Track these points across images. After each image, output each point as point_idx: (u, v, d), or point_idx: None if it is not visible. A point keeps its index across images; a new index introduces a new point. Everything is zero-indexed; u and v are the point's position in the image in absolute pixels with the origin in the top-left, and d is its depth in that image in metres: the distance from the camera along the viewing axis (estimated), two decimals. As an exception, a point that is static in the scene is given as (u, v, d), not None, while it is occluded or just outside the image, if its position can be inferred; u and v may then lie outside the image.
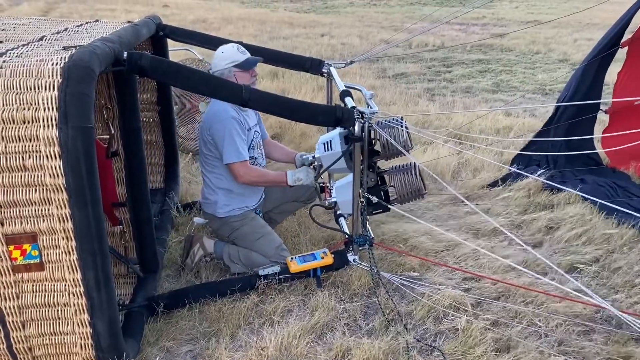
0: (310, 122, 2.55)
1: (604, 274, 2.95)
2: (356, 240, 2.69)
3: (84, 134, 1.73)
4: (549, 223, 3.49)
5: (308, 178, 2.76)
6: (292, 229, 3.38)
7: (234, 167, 2.77)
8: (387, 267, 2.94)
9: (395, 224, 3.43)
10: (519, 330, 2.46)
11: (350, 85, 2.93)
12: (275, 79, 7.75)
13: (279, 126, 5.34)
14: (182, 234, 3.30)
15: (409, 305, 2.67)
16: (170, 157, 3.74)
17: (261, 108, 2.41)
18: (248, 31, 13.74)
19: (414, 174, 2.62)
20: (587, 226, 3.38)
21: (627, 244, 3.18)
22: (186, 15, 17.78)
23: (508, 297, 2.73)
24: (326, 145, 2.60)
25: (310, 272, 2.72)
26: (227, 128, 2.73)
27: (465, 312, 2.58)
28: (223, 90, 2.32)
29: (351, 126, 2.36)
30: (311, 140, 4.94)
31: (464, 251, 3.11)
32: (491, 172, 4.19)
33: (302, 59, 3.24)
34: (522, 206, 3.73)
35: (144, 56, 2.17)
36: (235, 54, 2.79)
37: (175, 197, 3.59)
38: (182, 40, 3.31)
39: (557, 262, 3.06)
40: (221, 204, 2.90)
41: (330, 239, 3.22)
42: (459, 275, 2.90)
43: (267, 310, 2.60)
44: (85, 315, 1.90)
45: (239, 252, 2.91)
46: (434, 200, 3.85)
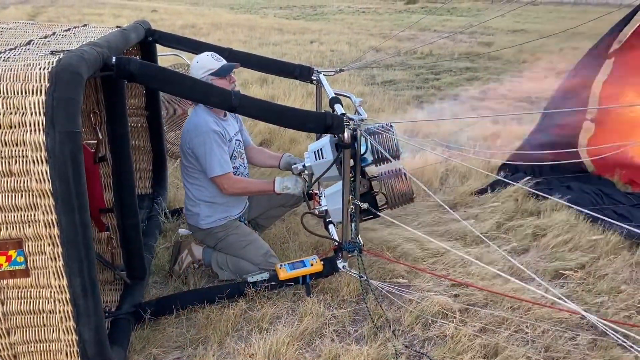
0: (299, 128, 2.55)
1: (589, 280, 2.98)
2: (345, 247, 2.69)
3: (71, 139, 1.72)
4: (535, 229, 3.52)
5: (296, 188, 2.75)
6: (281, 236, 3.38)
7: (218, 180, 2.76)
8: (376, 274, 2.95)
9: (384, 230, 3.44)
10: (507, 337, 2.48)
11: (340, 93, 2.94)
12: (264, 85, 7.76)
13: (268, 132, 5.34)
14: (170, 240, 3.28)
15: (398, 312, 2.67)
16: (158, 163, 3.72)
17: (250, 114, 2.40)
18: (237, 37, 13.76)
19: (403, 179, 2.63)
20: (573, 233, 3.42)
21: (612, 251, 3.22)
22: (175, 20, 17.76)
23: (495, 303, 2.74)
24: (317, 154, 2.60)
25: (300, 279, 2.72)
26: (207, 141, 2.70)
27: (454, 318, 2.59)
28: (212, 96, 2.32)
29: (341, 133, 2.36)
30: (300, 146, 4.94)
31: (452, 258, 3.12)
32: (479, 179, 4.22)
33: (292, 66, 3.25)
34: (509, 213, 3.76)
35: (133, 61, 2.16)
36: (210, 62, 2.77)
37: (163, 202, 3.57)
38: (171, 46, 3.30)
39: (544, 269, 3.09)
40: (204, 215, 2.88)
41: (319, 246, 3.21)
42: (447, 281, 2.91)
43: (255, 317, 2.59)
44: (70, 322, 1.87)
45: (227, 259, 2.90)
46: (421, 207, 3.87)
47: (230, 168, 2.79)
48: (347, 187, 2.53)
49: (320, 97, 3.34)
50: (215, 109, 2.82)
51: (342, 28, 17.37)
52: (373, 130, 2.54)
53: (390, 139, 2.54)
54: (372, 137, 2.51)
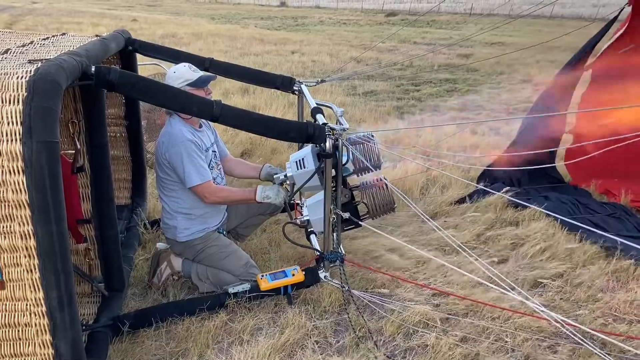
0: (281, 138, 2.55)
1: (567, 288, 3.02)
2: (327, 257, 2.69)
3: (48, 149, 1.69)
4: (514, 239, 3.57)
5: (278, 198, 2.74)
6: (262, 246, 3.36)
7: (198, 189, 2.73)
8: (358, 284, 2.95)
9: (365, 240, 3.44)
10: (487, 346, 2.49)
11: (321, 103, 2.96)
12: (246, 95, 7.76)
13: (249, 142, 5.32)
14: (149, 251, 3.24)
15: (379, 322, 2.67)
16: (137, 173, 3.68)
17: (232, 124, 2.40)
18: (218, 47, 13.75)
19: (385, 188, 2.65)
20: (551, 242, 3.47)
21: (589, 260, 3.28)
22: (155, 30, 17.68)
23: (476, 312, 2.76)
24: (299, 163, 2.60)
25: (281, 289, 2.70)
26: (184, 151, 2.68)
27: (435, 328, 2.60)
28: (193, 105, 2.31)
29: (322, 143, 2.37)
30: (282, 156, 4.94)
31: (433, 267, 3.14)
32: (459, 189, 4.27)
33: (274, 77, 3.26)
34: (489, 222, 3.80)
35: (113, 70, 2.14)
36: (187, 73, 2.76)
37: (142, 213, 3.52)
38: (152, 55, 3.28)
39: (523, 278, 3.12)
40: (181, 228, 2.85)
41: (301, 256, 3.20)
42: (428, 291, 2.92)
43: (236, 329, 2.56)
44: (47, 336, 1.83)
45: (208, 270, 2.87)
46: (403, 217, 3.89)
47: (209, 176, 2.77)
48: (328, 197, 2.53)
49: (302, 107, 3.35)
50: (190, 120, 2.80)
51: (323, 39, 17.49)
52: (355, 140, 2.55)
53: (371, 149, 2.55)
54: (354, 146, 2.53)
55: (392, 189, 2.67)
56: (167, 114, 2.86)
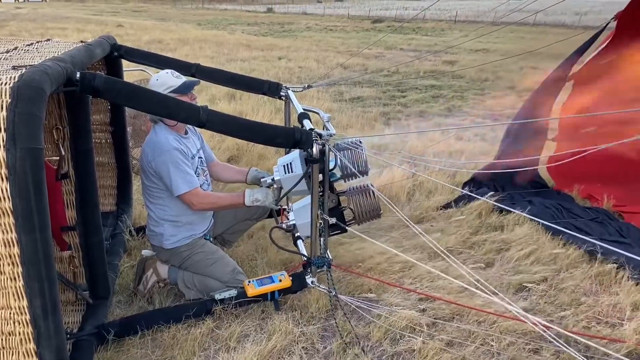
0: (268, 143, 2.55)
1: (551, 292, 3.05)
2: (314, 262, 2.69)
3: (32, 155, 1.67)
4: (499, 243, 3.60)
5: (267, 199, 2.73)
6: (249, 252, 3.35)
7: (186, 197, 2.71)
8: (345, 289, 2.95)
9: (352, 245, 3.45)
10: (473, 350, 2.51)
11: (308, 109, 2.97)
12: (232, 100, 7.75)
13: (236, 148, 5.32)
14: (135, 258, 3.21)
15: (366, 327, 2.68)
16: (123, 179, 3.65)
17: (219, 129, 2.39)
18: (205, 53, 13.73)
19: (372, 195, 2.66)
20: (535, 246, 3.51)
21: (572, 264, 3.32)
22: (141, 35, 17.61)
23: (462, 316, 2.78)
24: (286, 167, 2.60)
25: (268, 295, 2.70)
26: (170, 159, 2.66)
27: (421, 332, 2.61)
28: (180, 111, 2.30)
29: (309, 148, 2.38)
30: (269, 162, 4.94)
31: (419, 272, 3.16)
32: (444, 194, 4.30)
33: (260, 82, 3.26)
34: (474, 227, 3.84)
35: (98, 77, 2.13)
36: (170, 79, 2.75)
37: (127, 220, 3.49)
38: (138, 61, 3.27)
39: (508, 282, 3.15)
40: (167, 235, 2.83)
41: (288, 262, 3.20)
42: (414, 295, 2.93)
43: (223, 336, 2.55)
44: (31, 344, 1.80)
45: (194, 277, 2.85)
46: (389, 222, 3.91)
47: (197, 183, 2.76)
48: (315, 202, 2.54)
49: (288, 113, 3.36)
50: (175, 127, 2.79)
51: (310, 45, 17.55)
52: (342, 146, 2.57)
53: (359, 155, 2.57)
54: (341, 152, 2.54)
55: (378, 196, 2.68)
56: (152, 121, 2.84)
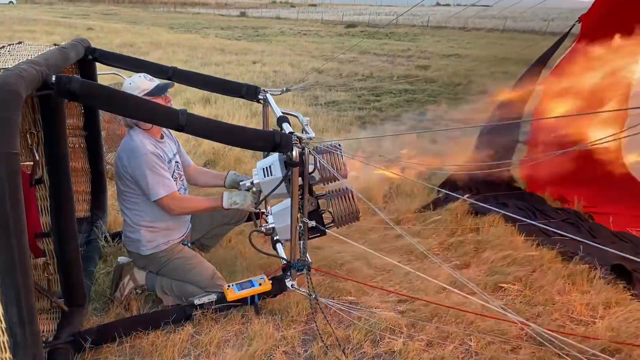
0: (248, 147, 2.55)
1: (526, 292, 3.12)
2: (294, 266, 2.69)
3: (8, 160, 1.64)
4: (475, 245, 3.66)
5: (245, 202, 2.71)
6: (227, 257, 3.33)
7: (163, 201, 2.68)
8: (325, 292, 2.96)
9: (331, 248, 3.46)
10: (452, 350, 2.55)
11: (287, 112, 2.97)
12: (207, 104, 7.70)
13: (212, 152, 5.28)
14: (111, 265, 3.15)
15: (347, 330, 2.69)
16: (97, 185, 3.59)
17: (198, 133, 2.37)
18: (178, 57, 13.59)
19: (351, 198, 2.68)
20: (510, 247, 3.58)
21: (546, 264, 3.39)
22: (112, 38, 17.35)
23: (440, 317, 2.81)
24: (266, 171, 2.60)
25: (248, 299, 2.68)
26: (147, 164, 2.63)
27: (401, 334, 2.63)
28: (158, 115, 2.28)
29: (289, 151, 2.38)
30: (246, 166, 4.92)
31: (397, 274, 3.19)
32: (421, 197, 4.35)
33: (238, 86, 3.25)
34: (450, 229, 3.90)
35: (74, 80, 2.09)
36: (144, 83, 2.72)
37: (103, 226, 3.43)
38: (113, 65, 3.22)
39: (484, 282, 3.21)
40: (145, 241, 2.79)
41: (267, 266, 3.19)
42: (394, 297, 2.96)
43: (203, 341, 2.53)
44: (7, 354, 1.75)
45: (172, 283, 2.82)
46: (367, 225, 3.93)
47: (174, 187, 2.73)
48: (295, 205, 2.54)
49: (267, 116, 3.36)
50: (151, 131, 2.76)
51: (284, 49, 17.56)
52: (321, 149, 2.57)
53: (338, 158, 2.58)
54: (321, 155, 2.55)
55: (358, 197, 2.70)
56: (127, 126, 2.80)
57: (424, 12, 42.97)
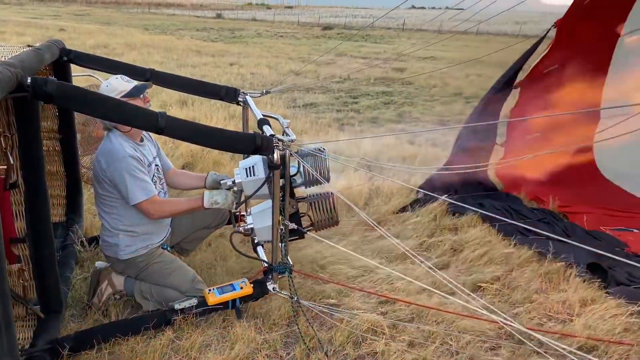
0: (229, 149, 2.52)
1: (504, 291, 3.17)
2: (276, 268, 2.68)
3: (-18, 164, 1.59)
4: (453, 245, 3.71)
5: (226, 202, 2.67)
6: (207, 260, 3.30)
7: (143, 205, 2.63)
8: (306, 295, 2.95)
9: (311, 249, 3.46)
10: (433, 350, 2.57)
11: (267, 114, 2.96)
12: (184, 107, 7.62)
13: (190, 155, 5.22)
14: (88, 270, 3.09)
15: (329, 332, 2.69)
16: (72, 189, 3.51)
17: (178, 136, 2.35)
18: (153, 58, 13.44)
19: (331, 202, 2.68)
20: (488, 247, 3.63)
21: (523, 263, 3.45)
22: (85, 39, 17.06)
23: (421, 318, 2.84)
24: (249, 170, 2.58)
25: (229, 303, 2.66)
26: (126, 167, 2.59)
27: (383, 335, 2.64)
28: (137, 117, 2.24)
29: (270, 154, 2.37)
30: (224, 168, 4.89)
31: (379, 275, 3.21)
32: (400, 199, 4.39)
33: (217, 88, 3.22)
34: (429, 230, 3.94)
35: (50, 82, 2.05)
36: (121, 84, 2.67)
37: (79, 230, 3.36)
38: (89, 66, 3.16)
39: (463, 282, 3.24)
40: (123, 245, 2.74)
41: (247, 269, 3.17)
42: (375, 299, 2.97)
43: (184, 346, 2.50)
44: (-19, 364, 1.70)
45: (152, 288, 2.77)
46: (347, 227, 3.94)
47: (154, 191, 2.69)
48: (276, 208, 2.53)
49: (247, 119, 3.34)
50: (130, 133, 2.72)
51: (261, 51, 17.52)
52: (305, 152, 2.57)
53: (321, 162, 2.58)
54: (303, 159, 2.54)
55: (339, 200, 2.70)
56: (105, 128, 2.75)
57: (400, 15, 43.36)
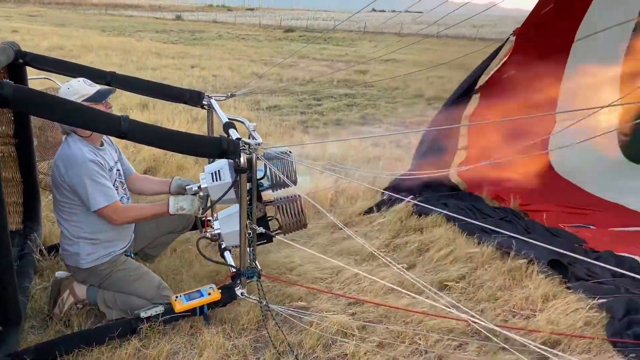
0: (194, 154, 2.48)
1: (470, 289, 3.23)
2: (244, 273, 2.65)
3: None
4: (419, 245, 3.76)
5: (192, 207, 2.62)
6: (173, 266, 3.23)
7: (105, 211, 2.56)
8: (275, 298, 2.94)
9: (279, 253, 3.45)
10: (403, 350, 2.59)
11: (233, 117, 2.93)
12: (145, 110, 7.47)
13: (152, 159, 5.11)
14: (48, 279, 2.98)
15: (299, 335, 2.68)
16: (29, 195, 3.38)
17: (142, 140, 2.29)
18: (112, 60, 13.13)
19: (299, 205, 2.68)
20: (453, 246, 3.70)
21: (487, 261, 3.53)
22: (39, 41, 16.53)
23: (389, 318, 2.86)
24: (215, 175, 2.54)
25: (197, 309, 2.61)
26: (86, 172, 2.51)
27: (353, 336, 2.65)
28: (99, 121, 2.18)
29: (237, 158, 2.35)
30: (188, 172, 4.81)
31: (347, 276, 3.22)
32: (366, 200, 4.42)
33: (181, 91, 3.17)
34: (395, 230, 3.98)
35: (6, 85, 1.97)
36: (83, 88, 2.60)
37: (37, 238, 3.24)
38: (46, 69, 3.06)
39: (430, 281, 3.29)
40: (84, 254, 2.66)
41: (214, 274, 3.13)
42: (344, 300, 2.98)
43: (151, 355, 2.44)
44: None
45: (116, 296, 2.70)
46: (314, 229, 3.95)
47: (116, 197, 2.62)
48: (244, 212, 2.50)
49: (211, 122, 3.29)
50: (89, 138, 2.64)
51: (223, 53, 17.36)
52: (271, 155, 2.55)
53: (288, 165, 2.57)
54: (270, 162, 2.53)
55: (307, 201, 2.70)
56: (63, 133, 2.66)
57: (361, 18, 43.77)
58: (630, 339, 2.68)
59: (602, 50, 4.72)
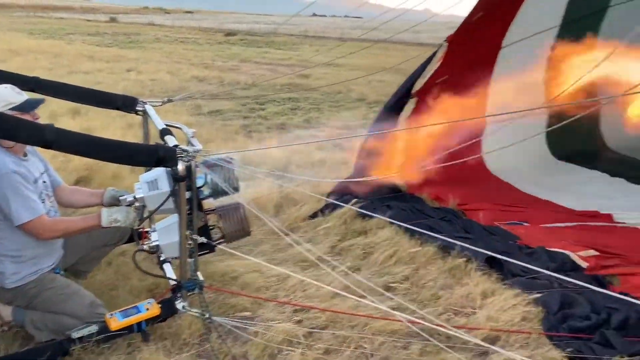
0: (128, 162, 2.37)
1: (413, 290, 3.28)
2: (185, 286, 2.55)
3: None
4: (364, 248, 3.78)
5: (127, 219, 2.51)
6: (108, 282, 3.08)
7: (30, 226, 2.41)
8: (218, 310, 2.86)
9: (222, 262, 3.36)
10: (349, 355, 2.59)
11: (170, 124, 2.82)
12: (77, 116, 7.13)
13: (85, 168, 4.86)
14: (-32, 301, 2.76)
15: (244, 347, 2.62)
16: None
17: (70, 149, 2.16)
18: (41, 64, 12.49)
19: (241, 213, 2.61)
20: (396, 247, 3.74)
21: (429, 261, 3.59)
22: (-42, 44, 15.46)
23: (336, 323, 2.85)
24: (151, 185, 2.43)
25: (134, 326, 2.49)
26: (9, 184, 2.36)
27: (299, 344, 2.62)
28: (20, 130, 2.04)
29: (174, 166, 2.25)
30: (124, 182, 4.61)
31: (292, 283, 3.18)
32: (311, 204, 4.40)
33: (114, 97, 3.03)
34: (341, 234, 3.98)
35: None
36: (11, 95, 2.45)
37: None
38: (-38, 74, 2.83)
39: (375, 284, 3.30)
40: (9, 273, 2.50)
41: (153, 288, 3.00)
42: (290, 308, 2.94)
43: (85, 378, 2.30)
44: None
45: (45, 316, 2.53)
46: (258, 236, 3.88)
47: (41, 210, 2.46)
48: (184, 222, 2.41)
49: (147, 129, 3.16)
50: (13, 149, 2.47)
51: (161, 57, 16.89)
52: (212, 162, 2.47)
53: (229, 172, 2.50)
54: (210, 169, 2.45)
55: (249, 210, 2.64)
56: None
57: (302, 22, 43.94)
58: (565, 332, 2.79)
59: (528, 56, 4.96)
